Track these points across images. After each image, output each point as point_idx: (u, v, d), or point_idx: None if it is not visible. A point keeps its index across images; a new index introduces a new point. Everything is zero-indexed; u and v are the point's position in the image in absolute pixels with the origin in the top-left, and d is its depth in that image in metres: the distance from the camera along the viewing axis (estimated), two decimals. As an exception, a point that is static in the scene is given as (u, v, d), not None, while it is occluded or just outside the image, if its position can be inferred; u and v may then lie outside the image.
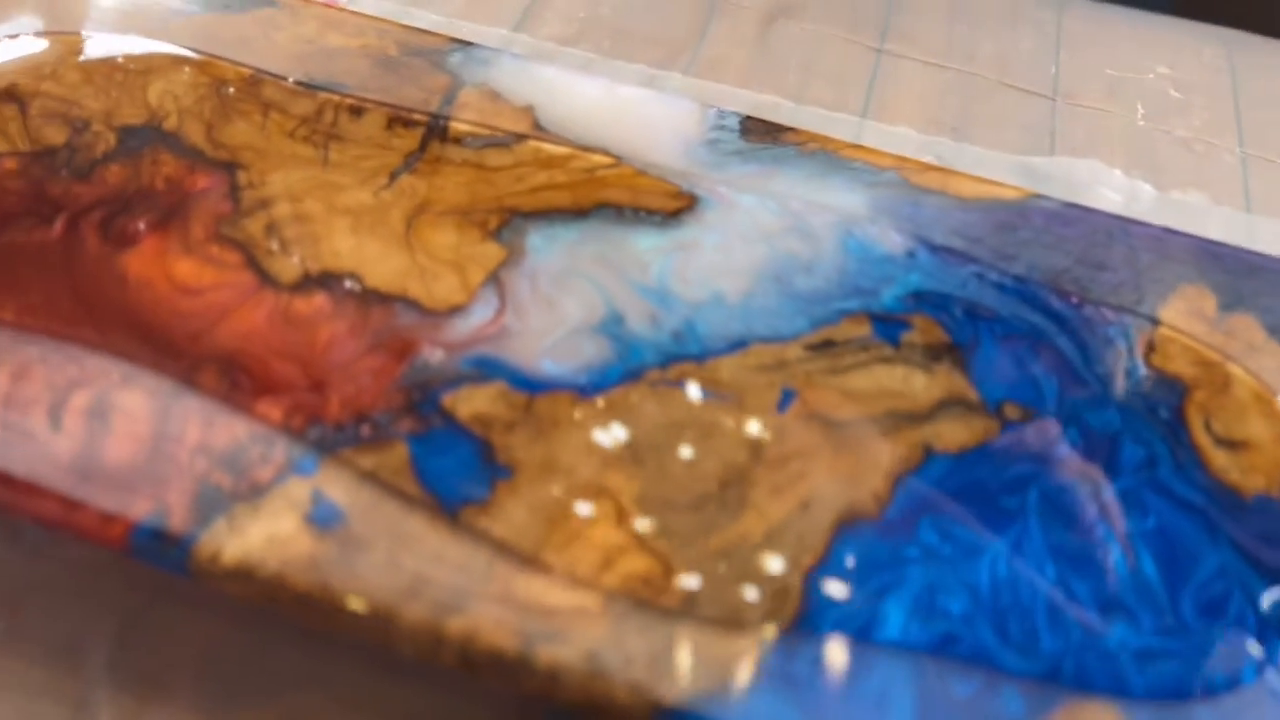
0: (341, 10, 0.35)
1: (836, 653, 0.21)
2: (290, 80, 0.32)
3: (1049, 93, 0.42)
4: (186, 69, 0.32)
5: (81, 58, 0.32)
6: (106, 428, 0.24)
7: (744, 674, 0.21)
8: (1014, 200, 0.31)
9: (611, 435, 0.25)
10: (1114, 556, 0.24)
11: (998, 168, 0.38)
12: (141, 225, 0.28)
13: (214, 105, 0.31)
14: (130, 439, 0.24)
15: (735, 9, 0.44)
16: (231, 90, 0.31)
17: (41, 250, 0.27)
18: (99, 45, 0.32)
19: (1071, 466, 0.25)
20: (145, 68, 0.32)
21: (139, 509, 0.23)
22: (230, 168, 0.29)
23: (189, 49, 0.32)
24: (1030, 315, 0.28)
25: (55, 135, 0.30)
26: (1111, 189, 0.38)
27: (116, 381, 0.25)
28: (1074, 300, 0.29)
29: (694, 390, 0.25)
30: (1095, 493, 0.25)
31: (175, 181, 0.29)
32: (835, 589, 0.23)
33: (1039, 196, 0.31)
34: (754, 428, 0.25)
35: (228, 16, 0.34)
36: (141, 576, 0.24)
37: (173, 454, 0.24)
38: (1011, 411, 0.26)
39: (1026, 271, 0.29)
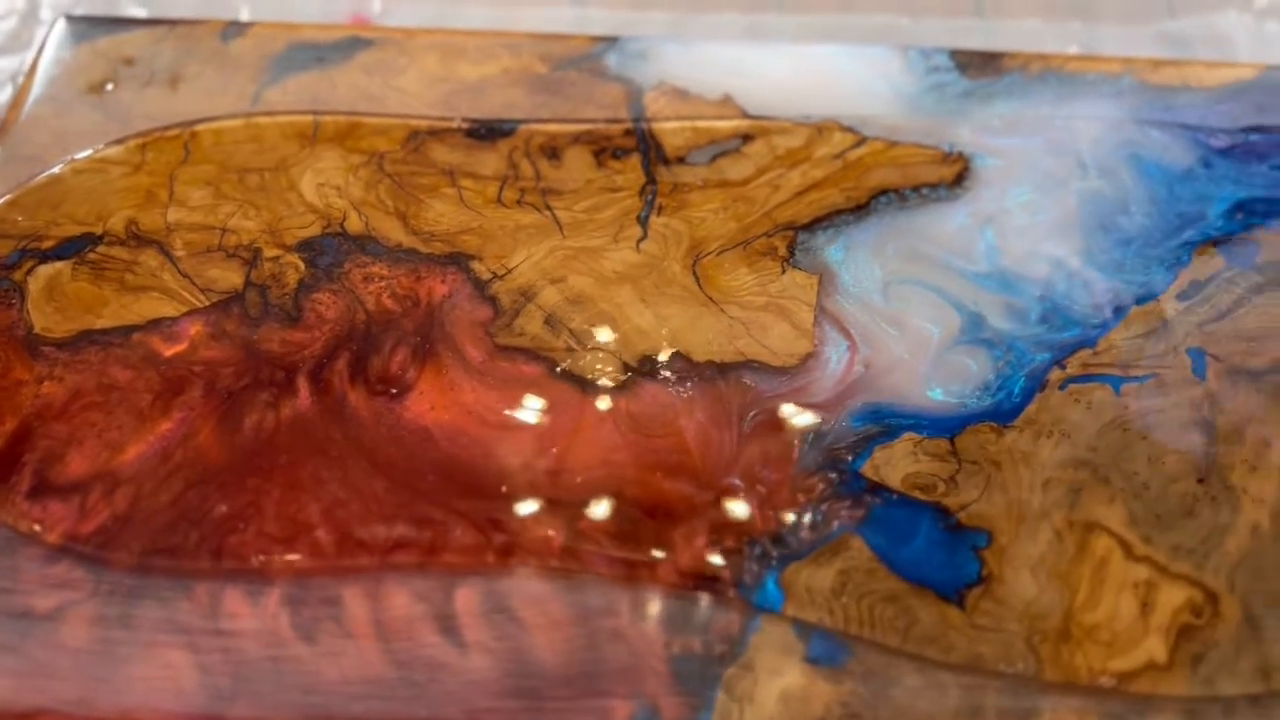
0: (451, 33, 0.29)
1: None
2: (457, 128, 0.26)
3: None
4: (326, 148, 0.26)
5: (186, 163, 0.25)
6: (519, 626, 0.19)
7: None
8: (1255, 78, 0.29)
9: (1059, 458, 0.21)
10: None
11: (1142, 42, 0.35)
12: (406, 362, 0.22)
13: (389, 187, 0.25)
14: (555, 631, 0.19)
15: (795, -72, 0.39)
16: (397, 162, 0.26)
17: (300, 428, 0.21)
18: (199, 141, 0.26)
19: None
20: (277, 161, 0.25)
21: (623, 712, 0.18)
22: (459, 260, 0.24)
23: (309, 118, 0.26)
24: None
25: (226, 275, 0.24)
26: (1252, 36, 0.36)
27: (494, 565, 0.20)
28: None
29: (1108, 381, 0.23)
30: None
31: (407, 296, 0.23)
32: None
33: (1273, 69, 0.29)
34: (1190, 405, 0.22)
35: (325, 72, 0.28)
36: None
37: (615, 631, 0.19)
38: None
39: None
